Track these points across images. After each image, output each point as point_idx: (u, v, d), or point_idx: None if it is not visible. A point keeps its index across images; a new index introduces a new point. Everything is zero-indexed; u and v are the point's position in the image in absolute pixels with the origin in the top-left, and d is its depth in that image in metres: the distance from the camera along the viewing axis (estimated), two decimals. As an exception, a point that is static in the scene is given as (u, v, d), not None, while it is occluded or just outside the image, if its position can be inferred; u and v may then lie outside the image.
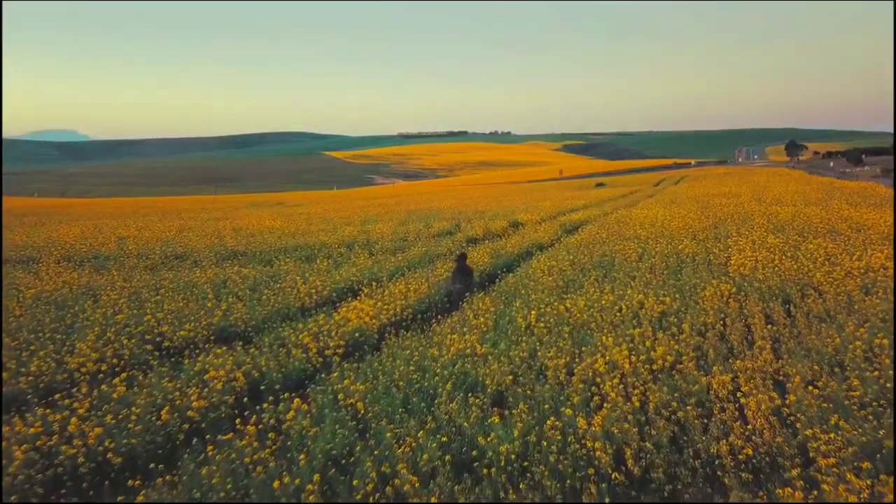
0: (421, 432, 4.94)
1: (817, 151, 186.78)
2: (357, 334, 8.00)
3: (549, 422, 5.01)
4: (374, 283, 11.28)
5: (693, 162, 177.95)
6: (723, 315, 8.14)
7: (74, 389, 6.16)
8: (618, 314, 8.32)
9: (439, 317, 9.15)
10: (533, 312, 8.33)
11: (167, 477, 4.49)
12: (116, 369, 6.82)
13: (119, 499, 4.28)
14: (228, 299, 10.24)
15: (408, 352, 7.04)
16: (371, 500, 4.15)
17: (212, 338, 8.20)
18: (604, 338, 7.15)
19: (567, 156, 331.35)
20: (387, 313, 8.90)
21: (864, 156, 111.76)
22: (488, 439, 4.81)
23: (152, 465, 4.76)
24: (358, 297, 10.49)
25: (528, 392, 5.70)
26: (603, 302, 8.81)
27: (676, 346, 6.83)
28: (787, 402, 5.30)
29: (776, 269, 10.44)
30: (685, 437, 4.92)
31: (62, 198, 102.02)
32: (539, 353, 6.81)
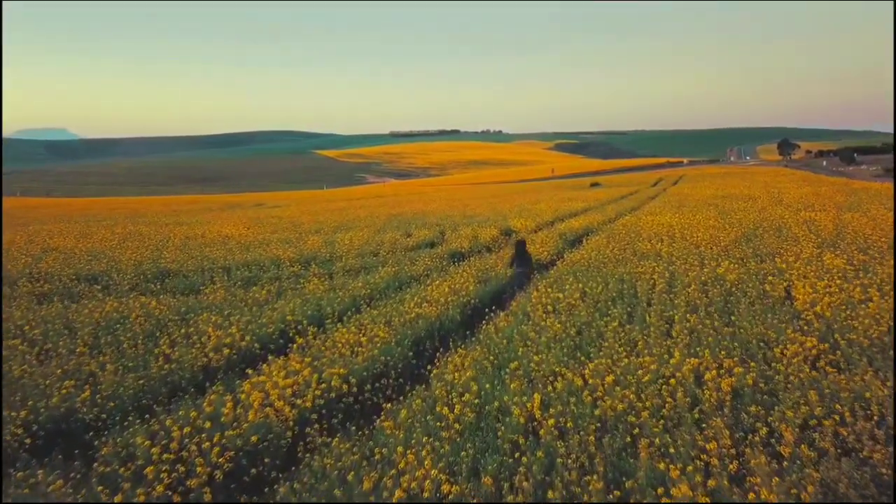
0: None
1: (809, 150, 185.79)
2: (256, 436, 5.00)
3: None
4: (315, 328, 8.28)
5: (686, 161, 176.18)
6: (830, 398, 5.23)
7: None
8: (667, 396, 5.38)
9: (395, 399, 6.16)
10: (536, 396, 5.37)
11: None
12: None
13: None
14: (102, 357, 7.21)
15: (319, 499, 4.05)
16: None
17: (27, 441, 5.17)
18: (660, 463, 4.20)
19: (560, 155, 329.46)
20: (314, 391, 5.90)
21: (856, 155, 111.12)
22: None
23: None
24: (287, 352, 7.50)
25: None
26: (639, 372, 5.87)
27: (791, 487, 3.90)
28: None
29: (867, 309, 7.54)
30: None
31: (47, 197, 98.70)
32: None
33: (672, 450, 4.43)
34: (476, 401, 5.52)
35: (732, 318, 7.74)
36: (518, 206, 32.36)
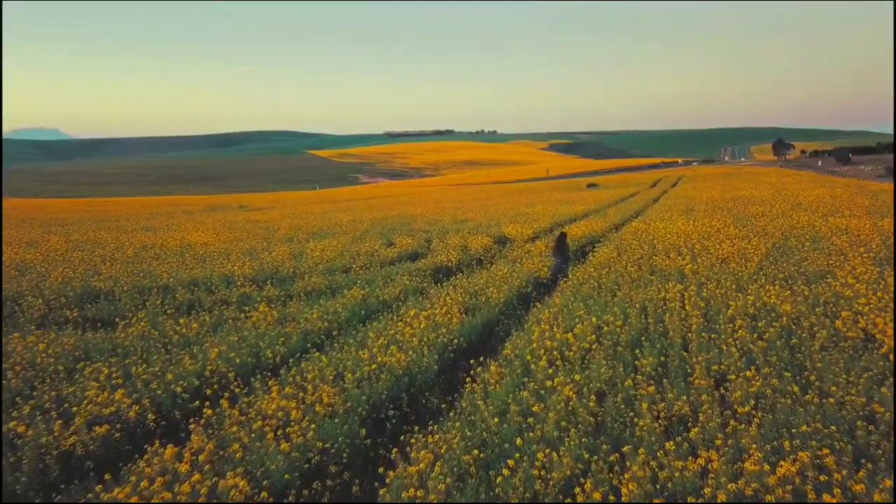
0: None
1: (804, 150, 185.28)
2: None
3: None
4: (240, 386, 6.12)
5: (680, 161, 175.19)
6: None
7: None
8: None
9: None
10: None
11: None
12: None
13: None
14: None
15: None
16: None
17: None
18: None
19: (554, 155, 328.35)
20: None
21: (851, 155, 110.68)
22: None
23: None
24: (191, 426, 5.34)
25: None
26: (706, 490, 3.76)
27: None
28: None
29: None
30: None
31: (34, 198, 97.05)
32: None
33: None
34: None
35: (809, 375, 5.64)
36: (513, 209, 30.27)
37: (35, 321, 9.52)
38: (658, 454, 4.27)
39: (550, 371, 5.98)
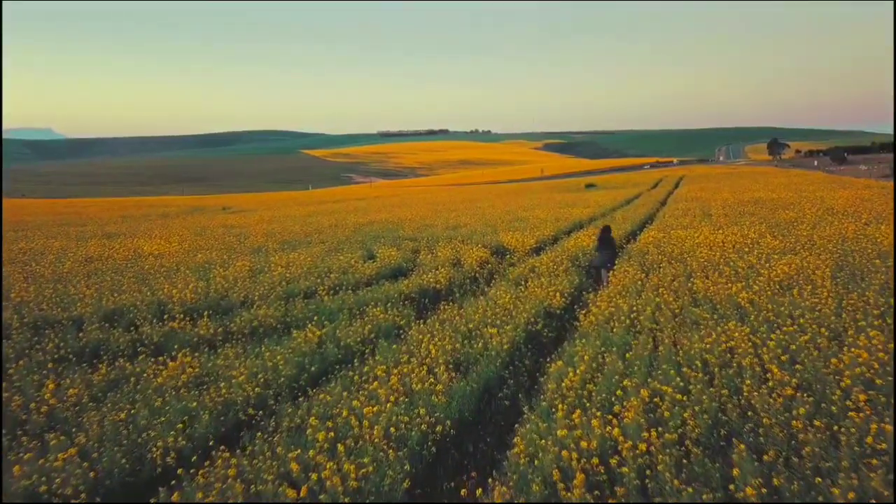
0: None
1: (798, 150, 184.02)
2: None
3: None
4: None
5: (675, 161, 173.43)
6: None
7: None
8: None
9: None
10: None
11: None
12: None
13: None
14: None
15: None
16: None
17: None
18: None
19: (549, 154, 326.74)
20: None
21: (846, 154, 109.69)
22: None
23: None
24: None
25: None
26: None
27: None
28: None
29: None
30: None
31: (21, 198, 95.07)
32: None
33: None
34: None
35: None
36: (510, 212, 27.84)
37: None
38: None
39: (572, 482, 3.54)
